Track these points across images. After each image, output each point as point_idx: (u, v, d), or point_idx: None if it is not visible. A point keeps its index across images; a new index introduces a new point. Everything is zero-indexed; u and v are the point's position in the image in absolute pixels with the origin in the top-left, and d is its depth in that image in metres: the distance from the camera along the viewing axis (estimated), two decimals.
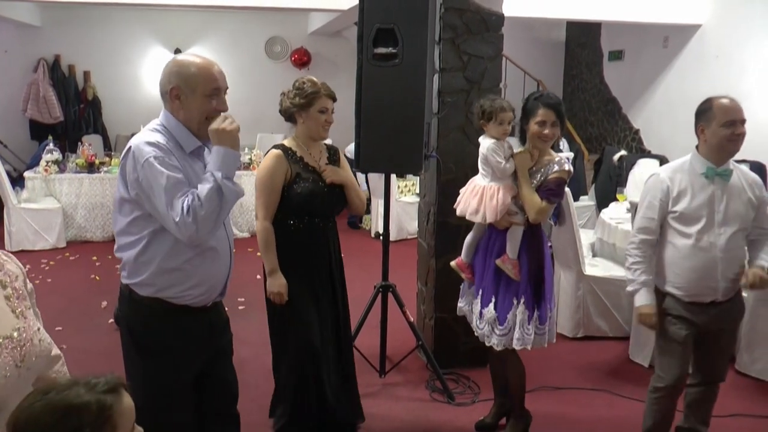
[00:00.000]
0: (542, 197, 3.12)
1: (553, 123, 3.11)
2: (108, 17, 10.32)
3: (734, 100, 2.94)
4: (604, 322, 4.91)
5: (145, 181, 2.17)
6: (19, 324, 1.51)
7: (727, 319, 3.02)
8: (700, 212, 2.91)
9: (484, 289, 3.31)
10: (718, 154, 2.92)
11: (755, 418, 3.81)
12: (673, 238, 2.98)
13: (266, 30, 10.94)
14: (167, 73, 2.29)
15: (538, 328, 3.22)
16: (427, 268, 4.46)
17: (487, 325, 3.27)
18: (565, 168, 3.14)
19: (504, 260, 3.21)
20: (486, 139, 3.26)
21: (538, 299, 3.21)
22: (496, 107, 3.21)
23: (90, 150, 7.94)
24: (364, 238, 8.10)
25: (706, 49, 7.99)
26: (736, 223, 2.90)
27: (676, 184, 2.96)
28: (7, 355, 1.45)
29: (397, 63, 3.53)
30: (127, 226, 2.29)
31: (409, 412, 3.86)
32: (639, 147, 9.30)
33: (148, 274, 2.28)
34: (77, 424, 1.28)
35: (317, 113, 3.17)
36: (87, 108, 10.47)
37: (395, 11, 3.51)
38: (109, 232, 7.70)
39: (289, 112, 3.22)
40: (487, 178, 3.25)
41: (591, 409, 3.93)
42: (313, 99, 3.15)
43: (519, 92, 9.70)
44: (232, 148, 2.23)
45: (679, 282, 2.98)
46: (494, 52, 4.22)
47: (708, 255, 2.90)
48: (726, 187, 2.91)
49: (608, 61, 10.18)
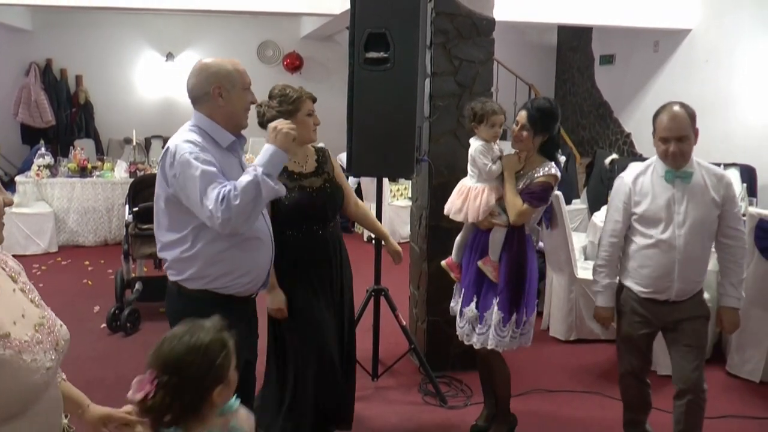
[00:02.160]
0: (524, 200, 3.15)
1: (523, 126, 3.15)
2: (100, 21, 10.31)
3: (674, 114, 2.88)
4: (597, 325, 4.91)
5: (181, 177, 2.32)
6: (42, 312, 1.56)
7: (683, 314, 3.01)
8: (659, 214, 2.96)
9: (467, 288, 3.35)
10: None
11: (745, 419, 3.83)
12: (635, 236, 3.07)
13: (258, 34, 10.96)
14: (205, 76, 2.46)
15: (513, 332, 3.23)
16: (419, 272, 4.47)
17: (468, 323, 3.32)
18: (552, 173, 3.16)
19: (485, 262, 3.26)
20: (476, 140, 3.30)
21: (516, 303, 3.22)
22: (487, 110, 3.24)
23: (82, 154, 7.93)
24: (357, 241, 8.10)
25: (696, 54, 8.05)
26: (696, 224, 2.92)
27: (638, 186, 3.04)
28: (47, 342, 1.50)
29: (388, 67, 3.54)
30: (170, 225, 2.44)
31: (402, 416, 3.86)
32: (630, 150, 9.35)
33: (197, 268, 2.43)
34: (213, 357, 1.61)
35: (305, 117, 3.11)
36: (79, 112, 10.45)
37: (387, 16, 3.52)
38: (101, 237, 7.69)
39: (272, 121, 3.06)
40: (473, 179, 3.30)
41: (583, 412, 3.94)
42: (300, 103, 3.10)
43: (510, 96, 9.75)
44: (282, 149, 2.38)
45: (637, 277, 3.08)
46: (485, 56, 4.23)
47: (666, 256, 2.95)
48: (687, 188, 2.93)
49: (599, 65, 10.23)
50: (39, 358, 1.46)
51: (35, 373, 1.44)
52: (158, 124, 10.50)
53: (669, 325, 3.07)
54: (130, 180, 6.80)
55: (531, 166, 3.21)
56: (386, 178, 4.60)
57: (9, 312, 1.46)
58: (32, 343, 1.46)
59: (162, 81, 10.82)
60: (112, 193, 7.66)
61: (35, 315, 1.53)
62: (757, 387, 4.23)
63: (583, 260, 5.42)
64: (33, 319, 1.51)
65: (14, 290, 1.54)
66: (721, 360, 4.50)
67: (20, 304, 1.52)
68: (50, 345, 1.51)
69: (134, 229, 5.30)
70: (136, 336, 4.97)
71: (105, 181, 7.66)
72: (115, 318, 5.02)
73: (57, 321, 1.60)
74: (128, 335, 4.97)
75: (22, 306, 1.52)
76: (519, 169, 3.22)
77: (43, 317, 1.55)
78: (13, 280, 1.56)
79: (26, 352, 1.43)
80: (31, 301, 1.56)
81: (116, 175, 7.77)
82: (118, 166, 7.93)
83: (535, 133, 3.16)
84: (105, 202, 7.66)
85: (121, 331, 4.99)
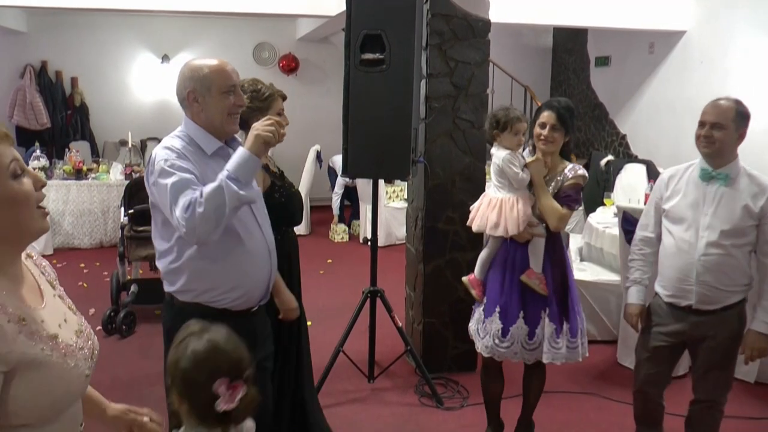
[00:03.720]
0: (562, 204, 3.05)
1: (554, 126, 3.05)
2: (95, 23, 10.29)
3: (719, 103, 2.88)
4: (593, 326, 4.93)
5: (156, 185, 2.24)
6: (80, 320, 1.53)
7: (710, 330, 2.89)
8: (685, 212, 2.89)
9: (509, 306, 3.15)
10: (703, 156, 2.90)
11: (741, 419, 3.84)
12: (665, 236, 2.99)
13: (254, 36, 10.94)
14: (182, 79, 2.34)
15: (569, 342, 3.12)
16: (415, 273, 4.47)
17: (517, 342, 3.14)
18: (581, 173, 3.10)
19: (530, 275, 3.10)
20: (500, 150, 3.14)
21: (565, 311, 3.13)
22: (511, 117, 3.11)
23: (77, 156, 7.92)
24: (353, 243, 8.11)
25: (690, 55, 8.07)
26: (723, 229, 2.80)
27: (673, 182, 2.98)
28: (87, 349, 1.48)
29: (384, 69, 3.54)
30: (158, 234, 2.36)
31: (398, 417, 3.86)
32: (626, 152, 9.36)
33: (184, 280, 2.33)
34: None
35: (276, 116, 2.71)
36: (74, 114, 10.42)
37: (382, 17, 3.53)
38: (97, 239, 7.67)
39: (244, 117, 2.73)
40: (503, 190, 3.14)
41: (580, 413, 3.94)
42: (271, 101, 2.96)
43: (506, 98, 9.75)
44: (251, 151, 2.23)
45: (662, 280, 3.01)
46: (481, 57, 4.24)
47: (686, 256, 2.87)
48: (722, 191, 2.83)
49: (595, 67, 10.25)
50: (80, 365, 1.43)
51: (76, 380, 1.42)
52: (154, 127, 10.48)
53: (694, 340, 2.96)
54: (125, 182, 6.79)
55: (554, 169, 3.13)
56: (382, 179, 4.59)
57: (54, 316, 1.43)
58: (75, 348, 1.43)
59: (158, 83, 10.79)
60: (108, 195, 7.66)
61: (74, 321, 1.50)
62: (752, 387, 4.25)
63: (579, 261, 5.43)
64: (73, 326, 1.48)
65: (54, 296, 1.51)
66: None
67: (62, 309, 1.50)
68: (89, 352, 1.48)
69: (130, 231, 5.29)
70: (131, 339, 4.96)
71: (100, 184, 7.65)
72: (110, 320, 5.01)
73: (91, 330, 1.58)
74: (124, 338, 4.96)
75: (63, 311, 1.49)
76: (545, 174, 3.12)
77: (81, 324, 1.52)
78: (51, 285, 1.53)
79: (71, 356, 1.40)
80: (69, 308, 1.54)
81: (112, 178, 7.77)
82: (114, 168, 7.92)
83: (565, 133, 3.10)
84: (100, 204, 7.65)
85: (117, 334, 4.98)
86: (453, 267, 4.27)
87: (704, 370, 2.98)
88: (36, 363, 1.32)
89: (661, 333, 3.01)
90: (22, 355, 1.29)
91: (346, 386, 4.09)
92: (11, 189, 1.32)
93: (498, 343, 3.15)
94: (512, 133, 3.12)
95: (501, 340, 3.15)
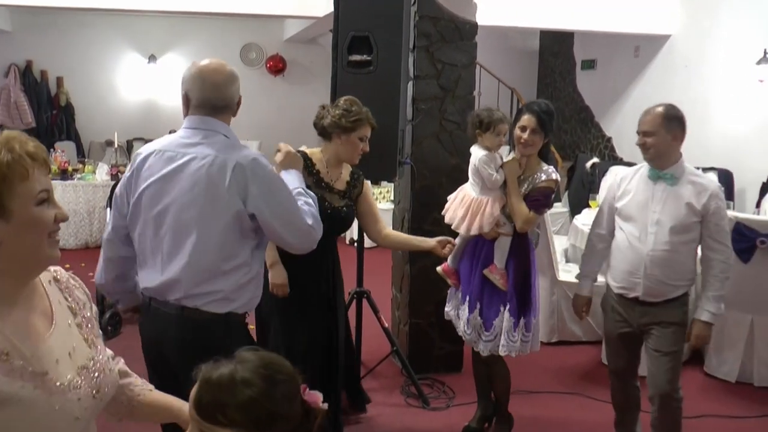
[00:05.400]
0: (530, 207, 3.13)
1: (533, 130, 3.10)
2: (81, 23, 10.23)
3: (649, 111, 3.03)
4: (578, 327, 4.97)
5: (272, 194, 2.33)
6: (92, 353, 1.45)
7: (655, 318, 3.04)
8: (635, 211, 3.05)
9: (471, 295, 3.31)
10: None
11: (722, 418, 3.89)
12: (617, 232, 3.15)
13: (242, 36, 10.93)
14: (237, 85, 2.31)
15: (524, 336, 3.23)
16: (401, 274, 4.49)
17: (473, 330, 3.29)
18: (553, 177, 3.16)
19: (492, 270, 3.21)
20: (478, 149, 3.21)
21: (524, 308, 3.23)
22: (494, 118, 3.17)
23: (63, 157, 7.88)
24: (340, 244, 8.06)
25: (675, 59, 8.14)
26: (669, 226, 2.95)
27: (625, 183, 3.13)
28: (86, 386, 1.39)
29: (371, 70, 3.56)
30: (230, 249, 2.30)
31: (384, 417, 3.87)
32: (611, 154, 9.43)
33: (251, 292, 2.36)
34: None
35: (357, 140, 3.07)
36: (59, 114, 10.36)
37: (370, 19, 3.54)
38: (82, 240, 7.63)
39: (328, 129, 3.09)
40: (476, 189, 3.23)
41: (564, 412, 3.97)
42: (358, 125, 3.05)
43: (493, 100, 9.80)
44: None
45: (612, 273, 3.17)
46: (468, 60, 4.27)
47: (636, 251, 3.02)
48: (668, 190, 2.98)
49: (581, 70, 10.31)
50: (68, 407, 1.34)
51: (61, 422, 1.33)
52: (140, 127, 10.45)
53: (643, 328, 3.11)
54: (111, 183, 6.76)
55: (530, 170, 3.19)
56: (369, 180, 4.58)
57: (56, 349, 1.36)
58: (68, 388, 1.35)
59: (144, 83, 10.76)
60: (94, 195, 7.62)
61: (83, 356, 1.42)
62: (733, 387, 4.30)
63: (565, 263, 5.47)
64: (78, 360, 1.40)
65: (70, 324, 1.44)
66: (699, 361, 4.56)
67: (71, 341, 1.42)
68: (87, 391, 1.39)
69: None
70: (116, 340, 4.92)
71: (86, 184, 7.61)
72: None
73: (108, 365, 1.50)
74: (109, 339, 4.94)
75: (72, 343, 1.42)
76: (520, 174, 3.19)
77: (91, 359, 1.44)
78: (72, 312, 1.47)
79: (57, 396, 1.32)
80: (84, 339, 1.46)
81: (98, 178, 7.73)
82: (100, 168, 7.88)
83: (544, 136, 3.15)
84: (86, 204, 7.61)
85: (102, 336, 4.95)
86: None
87: (653, 357, 3.10)
88: (14, 400, 1.25)
89: (617, 321, 3.18)
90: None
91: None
92: (31, 214, 1.29)
93: (465, 330, 3.34)
94: (494, 133, 3.18)
95: (467, 326, 3.32)
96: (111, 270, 2.42)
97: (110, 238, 2.40)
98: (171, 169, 2.23)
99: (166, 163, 2.24)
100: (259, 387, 1.27)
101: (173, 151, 2.25)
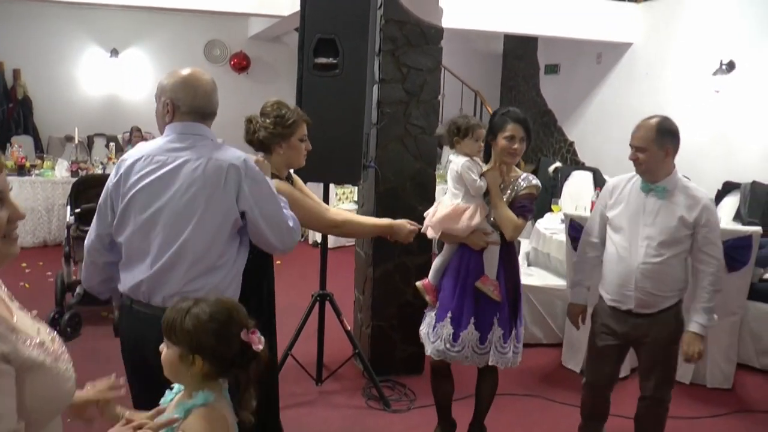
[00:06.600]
0: (517, 214, 3.11)
1: (522, 138, 3.10)
2: (40, 14, 10.01)
3: (641, 125, 3.01)
4: (539, 330, 5.03)
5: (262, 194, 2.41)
6: (45, 328, 1.52)
7: (649, 330, 3.05)
8: (626, 222, 3.04)
9: (461, 312, 3.19)
10: None
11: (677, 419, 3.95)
12: (608, 243, 3.14)
13: (205, 33, 10.83)
14: (216, 90, 2.40)
15: (515, 347, 3.21)
16: (364, 277, 4.50)
17: (467, 347, 3.18)
18: (534, 183, 3.16)
19: (484, 282, 3.14)
20: (458, 156, 3.17)
21: (515, 317, 3.21)
22: (472, 124, 3.16)
23: (20, 152, 7.69)
24: (303, 246, 8.08)
25: (636, 67, 8.30)
26: (660, 238, 2.95)
27: (617, 192, 3.12)
28: (63, 352, 1.48)
29: (337, 73, 3.56)
30: (219, 248, 2.34)
31: (346, 420, 3.88)
32: (573, 159, 9.57)
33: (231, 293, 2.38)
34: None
35: (298, 142, 2.92)
36: (16, 107, 10.12)
37: (336, 22, 3.55)
38: (40, 238, 7.47)
39: (266, 142, 2.90)
40: (458, 197, 3.18)
41: (525, 415, 4.02)
42: (295, 127, 2.90)
43: (456, 102, 9.88)
44: None
45: (605, 284, 3.16)
46: (433, 64, 4.29)
47: (626, 264, 3.02)
48: (660, 203, 2.97)
49: (544, 75, 10.44)
50: (68, 368, 1.45)
51: (68, 381, 1.44)
52: (101, 122, 10.27)
53: (636, 341, 3.12)
54: (71, 180, 6.63)
55: (508, 178, 3.18)
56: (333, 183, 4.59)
57: (29, 328, 1.44)
58: (60, 353, 1.45)
59: (106, 78, 10.58)
60: (53, 192, 7.45)
61: (44, 330, 1.50)
62: (687, 388, 4.40)
63: (526, 266, 5.53)
64: (44, 334, 1.48)
65: (18, 309, 1.51)
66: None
67: (29, 320, 1.50)
68: (67, 356, 1.49)
69: (76, 230, 5.17)
70: (77, 341, 4.85)
71: (45, 180, 7.46)
72: (54, 322, 4.88)
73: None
74: (69, 340, 4.85)
75: (30, 322, 1.50)
76: (501, 182, 3.16)
77: (48, 332, 1.51)
78: (10, 299, 1.52)
79: (60, 360, 1.43)
80: (32, 318, 1.54)
81: (57, 174, 7.57)
82: (59, 164, 7.73)
83: (528, 144, 3.16)
84: (45, 202, 7.44)
85: (61, 336, 4.85)
86: (402, 271, 4.31)
87: (647, 368, 3.15)
88: (36, 365, 1.34)
89: (607, 333, 3.16)
90: (25, 357, 1.32)
91: (293, 389, 4.09)
92: None
93: (449, 348, 3.20)
94: (473, 139, 3.15)
95: (452, 344, 3.19)
96: (96, 275, 2.50)
97: (95, 246, 2.42)
98: (164, 172, 2.26)
99: (157, 167, 2.28)
100: (207, 314, 1.65)
101: (163, 155, 2.29)
